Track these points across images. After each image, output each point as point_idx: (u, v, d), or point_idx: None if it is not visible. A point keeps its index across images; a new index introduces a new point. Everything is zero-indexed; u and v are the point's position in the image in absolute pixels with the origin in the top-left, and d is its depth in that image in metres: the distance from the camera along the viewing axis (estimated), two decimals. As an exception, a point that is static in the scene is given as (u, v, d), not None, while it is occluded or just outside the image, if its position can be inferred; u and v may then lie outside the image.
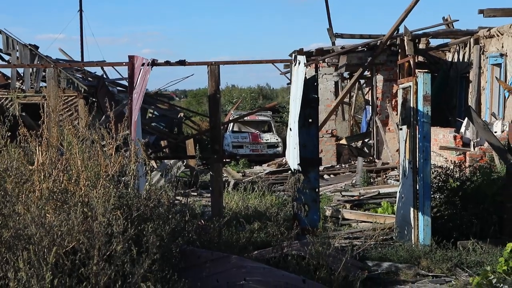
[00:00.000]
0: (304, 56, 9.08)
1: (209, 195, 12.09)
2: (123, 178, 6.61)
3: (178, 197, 8.09)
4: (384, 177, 17.35)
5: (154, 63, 10.11)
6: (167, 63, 10.28)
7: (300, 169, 8.64)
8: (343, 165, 20.81)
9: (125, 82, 23.66)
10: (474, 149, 14.89)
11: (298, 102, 8.60)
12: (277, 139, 24.74)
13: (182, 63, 10.25)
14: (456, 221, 10.25)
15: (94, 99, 22.73)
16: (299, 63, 8.90)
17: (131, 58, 9.82)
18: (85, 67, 25.28)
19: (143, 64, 9.64)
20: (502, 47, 17.98)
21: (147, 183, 6.32)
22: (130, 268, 4.67)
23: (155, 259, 4.80)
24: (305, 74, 8.81)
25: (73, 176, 6.10)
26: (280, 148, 24.16)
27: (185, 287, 4.96)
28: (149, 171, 6.64)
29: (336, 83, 22.66)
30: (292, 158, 8.90)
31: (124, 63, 10.01)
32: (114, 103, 20.26)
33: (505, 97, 17.73)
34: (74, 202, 5.26)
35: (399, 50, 20.69)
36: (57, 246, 4.58)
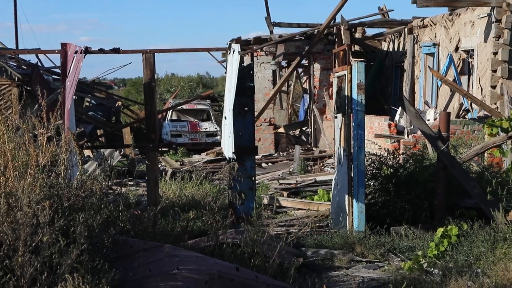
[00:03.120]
0: (239, 44, 9.05)
1: (146, 184, 11.97)
2: (55, 168, 6.48)
3: (114, 187, 8.00)
4: (321, 165, 17.56)
5: (87, 50, 9.94)
6: (101, 51, 10.10)
7: (235, 157, 8.64)
8: (281, 154, 20.95)
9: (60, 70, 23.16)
10: (407, 136, 15.20)
11: (233, 91, 8.58)
12: (216, 128, 24.69)
13: (116, 51, 10.08)
14: (389, 207, 10.44)
15: (28, 88, 22.19)
16: (233, 51, 8.86)
17: (64, 45, 9.62)
18: (19, 55, 24.60)
19: (76, 52, 9.47)
20: (435, 36, 18.37)
21: (78, 173, 6.21)
22: (58, 259, 4.59)
23: (84, 250, 4.73)
24: (242, 62, 8.78)
25: (0, 166, 5.94)
26: (219, 136, 24.12)
27: (115, 277, 4.91)
28: (80, 161, 6.53)
29: (274, 72, 22.73)
30: (227, 146, 8.90)
31: (56, 51, 9.80)
32: (49, 91, 19.85)
33: (437, 86, 18.14)
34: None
35: (336, 39, 20.90)
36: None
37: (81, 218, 5.16)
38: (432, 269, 8.04)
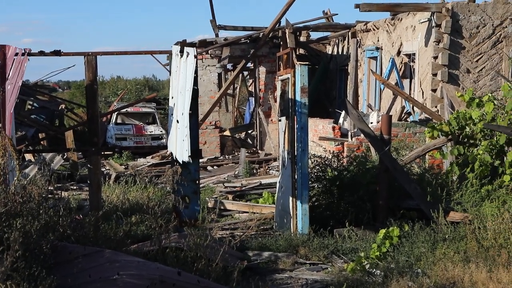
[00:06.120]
0: (195, 48, 9.00)
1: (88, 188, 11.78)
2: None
3: (55, 191, 7.84)
4: (266, 167, 17.60)
5: (28, 53, 9.74)
6: (41, 53, 9.90)
7: (191, 160, 8.58)
8: (226, 156, 20.91)
9: None
10: (351, 139, 15.38)
11: (188, 94, 8.52)
12: (161, 131, 24.51)
13: (57, 53, 9.90)
14: (333, 209, 10.54)
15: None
16: (187, 55, 8.80)
17: (3, 47, 9.41)
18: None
19: (16, 54, 9.27)
20: (378, 40, 18.66)
21: (15, 178, 6.07)
22: (-8, 267, 4.47)
23: (19, 257, 4.61)
24: (195, 66, 8.73)
25: None
26: (164, 140, 23.93)
27: (53, 284, 4.81)
28: (17, 165, 6.39)
29: (219, 75, 22.69)
30: (181, 150, 8.83)
31: (-6, 53, 9.56)
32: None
33: (380, 89, 18.42)
34: None
35: (281, 43, 21.00)
36: None
37: (18, 224, 5.04)
38: (374, 270, 8.15)
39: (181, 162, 8.84)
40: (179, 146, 8.91)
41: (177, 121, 9.01)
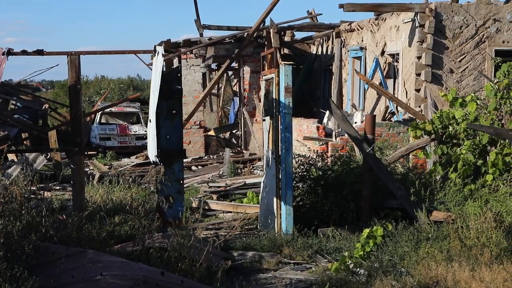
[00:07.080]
0: (162, 46, 8.98)
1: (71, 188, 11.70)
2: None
3: (38, 191, 7.79)
4: (250, 167, 17.61)
5: (9, 52, 9.69)
6: (24, 52, 9.85)
7: (158, 160, 8.57)
8: (211, 156, 20.89)
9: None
10: (335, 139, 15.40)
11: (157, 93, 8.50)
12: (145, 131, 24.41)
13: (40, 52, 9.85)
14: (317, 209, 10.55)
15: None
16: (157, 54, 8.79)
17: (-14, 47, 9.35)
18: None
19: (3, 54, 9.24)
20: (362, 40, 18.71)
21: (-3, 178, 6.03)
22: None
23: (0, 258, 4.58)
24: (171, 65, 8.72)
25: None
26: (148, 140, 23.83)
27: (35, 285, 4.78)
28: (-1, 165, 6.34)
29: (204, 75, 22.65)
30: (152, 149, 8.82)
31: (-24, 52, 9.50)
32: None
33: (365, 89, 18.46)
34: None
35: (266, 42, 21.01)
36: None
37: (0, 225, 5.00)
38: (358, 269, 8.17)
39: (151, 161, 8.84)
40: (150, 145, 8.92)
41: (150, 120, 9.01)
